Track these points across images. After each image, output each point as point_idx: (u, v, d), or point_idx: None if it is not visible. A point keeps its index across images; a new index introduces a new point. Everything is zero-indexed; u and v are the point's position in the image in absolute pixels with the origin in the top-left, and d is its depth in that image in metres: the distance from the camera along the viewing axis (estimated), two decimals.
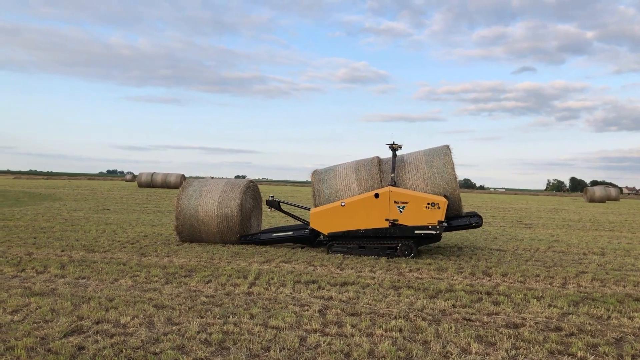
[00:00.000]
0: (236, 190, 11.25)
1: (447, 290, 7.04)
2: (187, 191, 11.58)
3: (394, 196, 9.65)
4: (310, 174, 10.98)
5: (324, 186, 10.59)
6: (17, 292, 6.17)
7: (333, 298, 6.38)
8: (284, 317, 5.40)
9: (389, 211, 9.68)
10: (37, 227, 13.36)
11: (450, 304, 6.24)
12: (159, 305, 5.79)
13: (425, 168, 10.19)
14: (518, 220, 21.30)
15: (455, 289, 7.08)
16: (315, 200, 10.58)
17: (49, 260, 8.47)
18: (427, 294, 6.80)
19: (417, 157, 10.48)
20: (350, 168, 10.69)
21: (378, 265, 8.81)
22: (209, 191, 11.39)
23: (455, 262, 9.53)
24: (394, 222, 9.67)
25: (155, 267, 8.15)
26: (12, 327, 4.86)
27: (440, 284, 7.35)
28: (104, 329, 4.87)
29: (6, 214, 16.75)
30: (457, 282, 7.58)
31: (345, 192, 10.34)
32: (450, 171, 10.05)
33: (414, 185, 10.12)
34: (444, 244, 12.05)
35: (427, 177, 10.09)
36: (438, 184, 10.02)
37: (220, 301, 6.06)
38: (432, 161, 10.24)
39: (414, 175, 10.19)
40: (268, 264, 8.73)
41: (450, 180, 10.00)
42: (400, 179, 10.21)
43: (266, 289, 6.81)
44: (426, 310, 5.93)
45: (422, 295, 6.67)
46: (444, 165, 10.12)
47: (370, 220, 9.75)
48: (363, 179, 10.33)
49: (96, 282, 6.97)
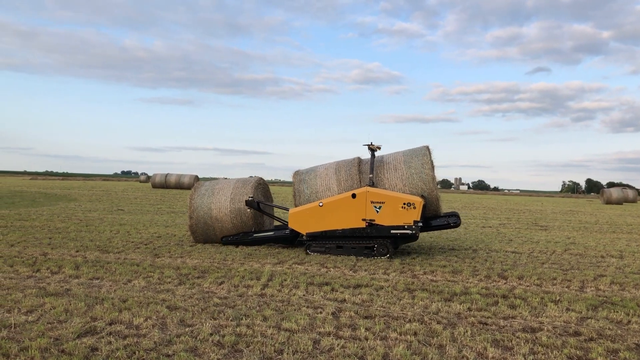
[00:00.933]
0: (247, 185, 11.35)
1: (462, 293, 6.95)
2: (199, 191, 11.66)
3: (370, 196, 9.70)
4: (292, 174, 11.06)
5: (304, 186, 10.68)
6: (32, 292, 6.19)
7: (346, 300, 6.32)
8: (297, 319, 5.36)
9: (365, 211, 9.72)
10: (53, 227, 13.47)
11: (465, 307, 6.15)
12: (172, 306, 5.78)
13: (403, 168, 10.25)
14: (533, 222, 21.05)
15: (470, 292, 6.98)
16: (295, 201, 10.64)
17: (63, 260, 8.52)
18: (441, 296, 6.71)
19: (396, 158, 10.53)
20: (331, 168, 10.75)
21: (392, 267, 8.74)
22: (220, 189, 11.46)
23: (470, 264, 9.42)
24: (371, 222, 9.71)
25: (169, 268, 8.16)
26: (27, 327, 4.88)
27: (455, 287, 7.26)
28: (117, 330, 4.86)
29: (22, 215, 16.92)
30: (473, 285, 7.48)
31: (325, 193, 10.41)
32: (428, 172, 10.08)
33: (392, 185, 10.16)
34: (458, 246, 11.94)
35: (405, 178, 10.14)
36: (416, 185, 10.07)
37: (233, 303, 6.04)
38: (411, 162, 10.29)
39: (392, 175, 10.24)
40: (281, 266, 8.69)
41: (428, 180, 10.04)
42: (378, 179, 10.24)
43: (279, 290, 6.77)
44: (441, 314, 5.85)
45: (437, 298, 6.59)
46: (422, 165, 10.15)
47: (348, 220, 9.81)
48: (343, 180, 10.39)
49: (110, 282, 6.98)
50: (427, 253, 10.70)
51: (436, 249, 11.37)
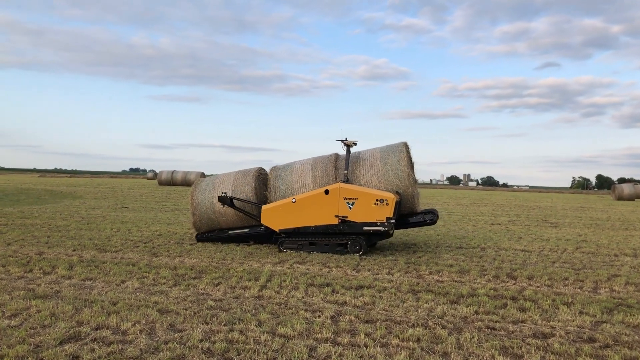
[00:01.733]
0: (248, 176, 11.12)
1: (469, 294, 6.63)
2: (200, 186, 11.46)
3: (343, 192, 9.56)
4: (269, 170, 10.88)
5: (280, 182, 10.52)
6: (19, 294, 5.95)
7: (347, 303, 6.03)
8: (294, 324, 5.07)
9: (338, 208, 9.58)
10: (53, 225, 13.28)
11: (472, 310, 5.84)
12: (164, 309, 5.51)
13: (379, 165, 10.09)
14: (543, 219, 20.64)
15: (477, 294, 6.66)
16: (270, 197, 10.46)
17: (58, 260, 8.29)
18: (447, 298, 6.40)
19: (373, 154, 10.37)
20: (307, 164, 10.61)
21: (396, 267, 8.43)
22: (221, 182, 11.26)
23: (478, 263, 9.09)
24: (344, 219, 9.56)
25: (165, 268, 7.90)
26: (8, 332, 4.62)
27: (462, 288, 6.94)
28: (102, 336, 4.60)
29: (25, 212, 16.77)
30: (480, 286, 7.16)
31: (300, 189, 10.25)
32: (404, 168, 9.91)
33: (367, 182, 10.00)
34: (465, 244, 11.60)
35: (380, 174, 9.99)
36: (391, 181, 9.92)
37: (228, 306, 5.76)
38: (387, 158, 10.13)
39: (368, 172, 10.09)
40: (281, 265, 8.41)
41: (404, 177, 9.89)
42: (354, 175, 10.09)
43: (277, 292, 6.49)
44: (446, 318, 5.54)
45: (443, 301, 6.28)
46: (398, 162, 9.99)
47: (321, 216, 9.66)
48: (318, 176, 10.26)
49: (102, 283, 6.73)
50: (434, 252, 10.38)
51: (443, 247, 11.05)
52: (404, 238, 12.48)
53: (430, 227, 15.31)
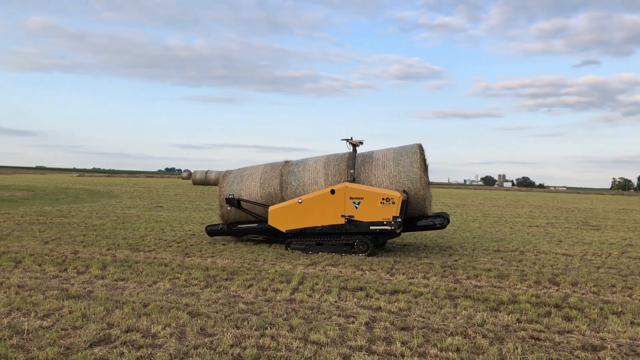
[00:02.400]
0: (276, 169, 10.96)
1: (509, 301, 6.33)
2: (228, 179, 11.39)
3: (349, 192, 9.47)
4: (282, 165, 10.84)
5: (292, 178, 10.49)
6: (53, 294, 5.97)
7: (382, 308, 5.82)
8: (327, 330, 4.89)
9: (344, 207, 9.48)
10: (89, 224, 13.48)
11: (514, 319, 5.55)
12: (194, 312, 5.42)
13: (392, 166, 10.03)
14: (584, 221, 19.91)
15: (519, 300, 6.35)
16: (282, 192, 10.42)
17: (92, 259, 8.34)
18: (487, 305, 6.12)
19: (386, 155, 10.30)
20: (321, 162, 10.56)
21: (432, 271, 8.16)
22: (249, 175, 11.17)
23: (518, 268, 8.74)
24: (350, 218, 9.45)
25: (197, 268, 7.84)
26: (39, 334, 4.60)
27: (502, 294, 6.64)
28: (132, 340, 4.52)
29: (63, 211, 17.12)
30: (521, 292, 6.84)
31: (312, 186, 10.22)
32: (416, 170, 9.82)
33: (379, 182, 9.94)
34: (503, 248, 11.21)
35: (392, 176, 9.92)
36: (403, 183, 9.84)
37: (259, 309, 5.63)
38: (400, 159, 10.06)
39: (380, 172, 10.02)
40: (314, 267, 8.25)
41: (415, 179, 9.79)
42: (366, 175, 10.05)
43: (309, 295, 6.32)
44: (487, 326, 5.27)
45: (482, 307, 6.00)
46: (411, 164, 9.91)
47: (327, 216, 9.58)
48: (331, 174, 10.22)
49: (134, 284, 6.70)
50: (470, 255, 10.05)
51: (480, 250, 10.70)
52: (439, 240, 12.16)
53: (465, 229, 14.93)
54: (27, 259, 8.16)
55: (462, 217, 20.09)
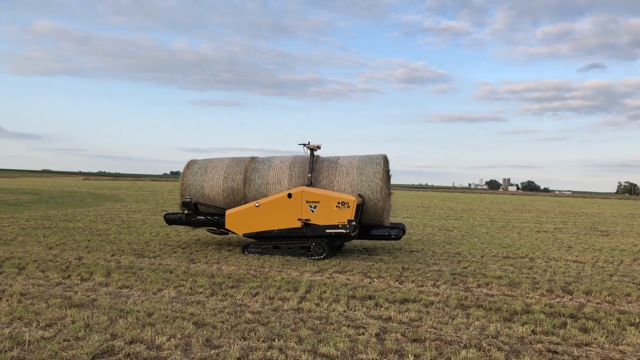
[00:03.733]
0: (242, 164, 10.94)
1: (523, 311, 6.16)
2: (192, 169, 11.30)
3: (306, 196, 9.60)
4: (248, 161, 10.89)
5: (256, 175, 10.59)
6: (56, 302, 5.84)
7: (392, 319, 5.66)
8: (336, 342, 4.74)
9: (301, 211, 9.60)
10: (94, 229, 13.38)
11: (529, 330, 5.38)
12: (200, 322, 5.28)
13: (355, 174, 10.19)
14: (592, 226, 19.68)
15: (532, 310, 6.18)
16: (244, 188, 10.53)
17: (96, 265, 8.22)
18: (500, 315, 5.95)
19: (351, 162, 10.46)
20: (287, 162, 10.67)
21: (442, 279, 8.00)
22: (214, 167, 11.11)
23: (529, 275, 8.56)
24: (307, 222, 9.58)
25: (203, 275, 7.71)
26: (41, 345, 4.47)
27: (515, 303, 6.47)
28: (136, 351, 4.39)
29: (68, 215, 17.04)
30: (534, 301, 6.67)
31: (275, 186, 10.36)
32: (378, 181, 9.99)
33: (341, 189, 10.11)
34: (512, 254, 11.04)
35: (354, 183, 10.08)
36: (364, 192, 9.99)
37: (266, 319, 5.49)
38: (364, 168, 10.22)
39: (343, 179, 10.19)
40: (321, 275, 8.11)
41: (376, 190, 9.96)
42: (329, 180, 10.23)
43: (317, 304, 6.17)
44: (501, 338, 5.11)
45: (495, 318, 5.84)
46: (374, 174, 10.07)
47: (284, 220, 9.70)
48: (295, 176, 10.35)
49: (139, 292, 6.57)
50: (479, 262, 9.88)
51: (489, 257, 10.52)
52: (447, 247, 11.99)
53: (473, 235, 14.76)
54: (30, 265, 8.05)
55: (468, 222, 19.90)
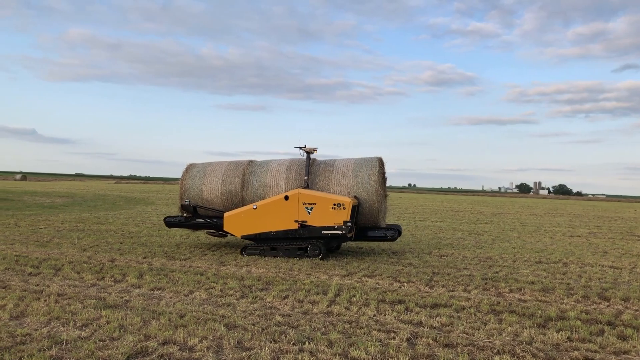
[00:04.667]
0: (240, 168, 11.05)
1: (558, 317, 6.02)
2: (191, 172, 11.42)
3: (302, 198, 9.77)
4: (246, 164, 11.06)
5: (254, 178, 10.75)
6: (91, 303, 5.97)
7: (423, 323, 5.61)
8: (367, 347, 4.72)
9: (298, 213, 9.76)
10: (126, 231, 13.64)
11: (564, 337, 5.26)
12: (231, 324, 5.32)
13: (351, 176, 10.33)
14: (629, 231, 19.13)
15: (568, 317, 6.04)
16: (242, 191, 10.68)
17: (129, 267, 8.37)
18: (534, 321, 5.83)
19: (347, 165, 10.59)
20: (284, 165, 10.82)
21: (473, 284, 7.88)
22: (212, 171, 11.24)
23: (563, 281, 8.37)
24: (303, 224, 9.73)
25: (233, 278, 7.78)
26: (78, 344, 4.57)
27: (549, 309, 6.33)
28: (168, 352, 4.45)
29: (101, 218, 17.42)
30: (569, 307, 6.51)
31: (273, 188, 10.50)
32: (373, 183, 10.14)
33: (337, 191, 10.28)
34: (545, 259, 10.81)
35: (350, 186, 10.24)
36: (359, 194, 10.14)
37: (296, 322, 5.50)
38: (359, 171, 10.36)
39: (339, 181, 10.34)
40: (350, 278, 8.08)
41: (371, 192, 10.11)
42: (325, 183, 10.38)
43: (347, 308, 6.16)
44: (536, 344, 5.00)
45: (529, 324, 5.72)
46: (369, 176, 10.22)
47: (281, 222, 9.87)
48: (292, 178, 10.50)
49: (170, 294, 6.66)
50: (511, 267, 9.71)
51: (521, 262, 10.33)
52: (477, 251, 11.82)
53: (504, 239, 14.51)
54: (66, 266, 8.25)
55: (499, 226, 19.58)
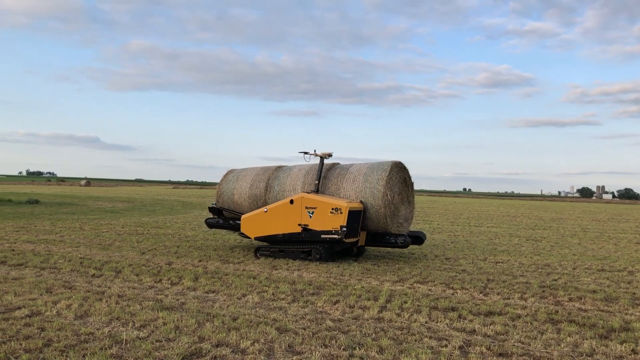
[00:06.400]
0: (267, 173, 11.57)
1: (622, 328, 5.74)
2: (227, 177, 12.15)
3: (305, 202, 9.95)
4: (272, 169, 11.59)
5: (276, 183, 11.15)
6: (148, 304, 6.19)
7: (476, 331, 5.48)
8: (418, 353, 4.66)
9: (301, 216, 9.94)
10: (183, 235, 14.06)
11: (628, 349, 5.01)
12: (282, 328, 5.39)
13: (361, 181, 10.32)
14: None
15: (632, 328, 5.75)
16: (265, 195, 11.12)
17: (185, 270, 8.63)
18: (595, 332, 5.59)
19: (360, 170, 10.59)
20: (303, 170, 11.07)
21: (530, 291, 7.63)
22: (244, 176, 11.86)
23: (628, 290, 7.97)
24: (305, 227, 9.89)
25: (284, 282, 7.87)
26: (136, 344, 4.76)
27: (612, 320, 6.05)
28: (222, 354, 4.55)
29: (159, 222, 18.04)
30: (634, 318, 6.19)
31: (291, 192, 10.71)
32: (380, 188, 10.02)
33: (346, 195, 10.30)
34: (608, 267, 10.32)
35: (358, 190, 10.22)
36: (366, 199, 10.10)
37: (347, 327, 5.50)
38: (370, 175, 10.30)
39: (349, 186, 10.38)
40: (401, 284, 8.01)
41: (377, 196, 10.00)
42: (336, 187, 10.50)
43: (398, 314, 6.10)
44: (597, 356, 4.79)
45: (589, 334, 5.48)
46: (377, 181, 10.13)
47: (287, 225, 10.10)
48: (307, 183, 10.70)
49: (224, 297, 6.82)
50: (571, 274, 9.33)
51: (581, 269, 9.91)
52: (535, 257, 11.44)
53: (563, 245, 13.98)
54: (126, 269, 8.60)
55: (558, 232, 18.86)
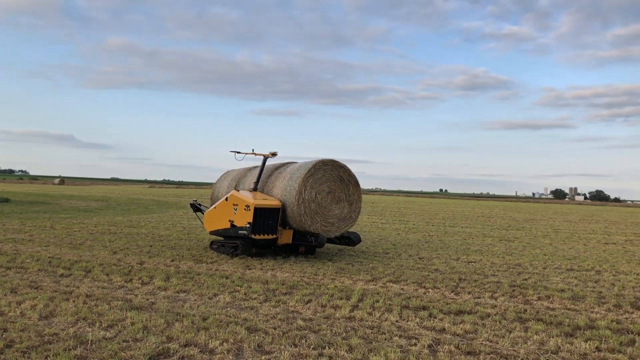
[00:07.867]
0: (242, 172, 12.08)
1: (587, 326, 5.86)
2: (219, 178, 12.74)
3: (232, 199, 10.43)
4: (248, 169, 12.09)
5: (243, 181, 11.70)
6: (117, 304, 6.10)
7: (446, 330, 5.53)
8: (387, 352, 4.68)
9: (231, 213, 10.39)
10: (156, 235, 13.89)
11: (593, 346, 5.11)
12: (252, 327, 5.36)
13: (287, 178, 10.62)
14: None
15: (597, 326, 5.87)
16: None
17: (156, 270, 8.52)
18: (561, 330, 5.69)
19: (292, 168, 10.87)
20: (257, 169, 11.46)
21: (500, 290, 7.74)
22: (228, 176, 12.46)
23: (594, 289, 8.14)
24: (232, 223, 10.33)
25: (257, 281, 7.83)
26: (102, 345, 4.68)
27: (578, 318, 6.16)
28: (189, 354, 4.50)
29: (133, 222, 17.78)
30: (599, 317, 6.32)
31: (273, 191, 10.92)
32: (296, 186, 10.29)
33: (275, 194, 10.69)
34: (577, 266, 10.53)
35: (282, 188, 10.57)
36: (285, 197, 10.45)
37: (318, 326, 5.50)
38: (295, 173, 10.57)
39: (279, 184, 10.74)
40: (374, 283, 8.04)
41: (292, 194, 10.29)
42: (272, 186, 10.91)
43: (369, 314, 6.12)
44: (562, 354, 4.88)
45: (556, 332, 5.58)
46: (295, 180, 10.42)
47: (224, 221, 10.53)
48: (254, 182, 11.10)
49: (195, 296, 6.75)
50: (541, 274, 9.49)
51: (551, 269, 10.09)
52: (507, 257, 11.60)
53: (535, 246, 14.21)
54: (96, 268, 8.45)
55: (531, 232, 19.18)
